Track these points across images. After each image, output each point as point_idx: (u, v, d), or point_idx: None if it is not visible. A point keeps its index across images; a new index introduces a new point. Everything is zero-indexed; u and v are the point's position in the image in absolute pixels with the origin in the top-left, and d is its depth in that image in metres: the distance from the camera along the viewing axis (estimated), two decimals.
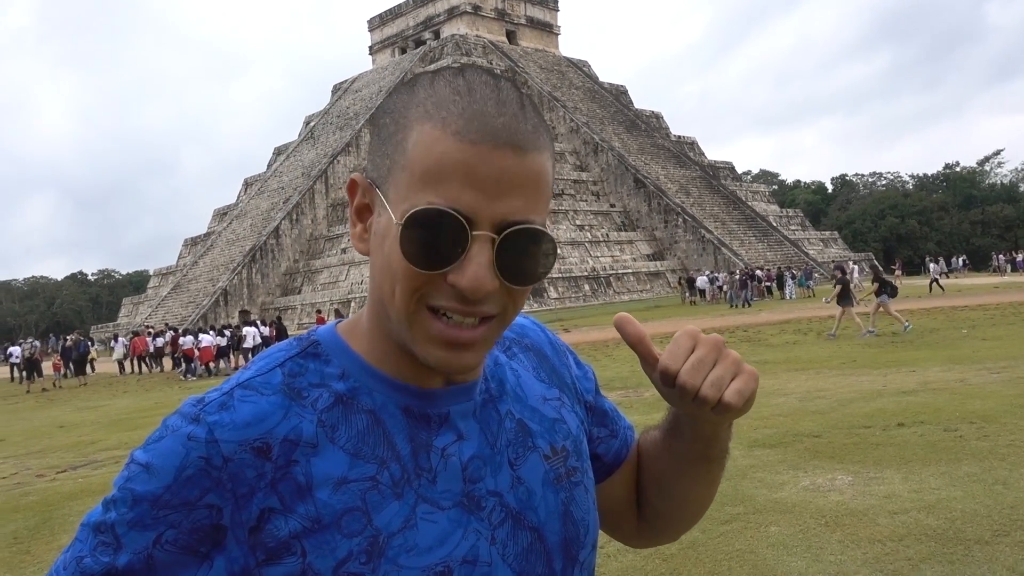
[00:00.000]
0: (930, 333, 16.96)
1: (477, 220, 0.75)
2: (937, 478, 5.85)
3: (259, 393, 0.82)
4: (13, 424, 15.81)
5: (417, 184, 0.76)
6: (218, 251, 53.50)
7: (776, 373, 12.72)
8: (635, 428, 1.04)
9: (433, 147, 0.76)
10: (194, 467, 0.77)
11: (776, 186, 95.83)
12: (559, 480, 0.92)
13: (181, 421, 0.81)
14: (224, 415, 0.80)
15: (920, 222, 79.52)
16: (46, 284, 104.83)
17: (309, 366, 0.86)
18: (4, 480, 9.39)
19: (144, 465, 0.79)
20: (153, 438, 0.81)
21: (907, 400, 9.03)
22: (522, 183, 0.77)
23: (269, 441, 0.80)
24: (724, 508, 5.53)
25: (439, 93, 0.78)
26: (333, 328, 0.91)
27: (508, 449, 0.90)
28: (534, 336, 1.05)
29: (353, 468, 0.81)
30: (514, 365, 0.98)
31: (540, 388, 0.98)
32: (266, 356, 0.88)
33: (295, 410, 0.82)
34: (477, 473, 0.87)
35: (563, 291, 43.75)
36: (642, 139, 59.58)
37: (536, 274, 0.79)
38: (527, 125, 0.78)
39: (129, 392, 21.16)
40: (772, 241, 52.97)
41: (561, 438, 0.96)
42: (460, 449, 0.87)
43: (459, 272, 0.76)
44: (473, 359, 0.81)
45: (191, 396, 0.85)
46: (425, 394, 0.87)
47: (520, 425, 0.93)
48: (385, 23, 70.62)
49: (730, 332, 21.46)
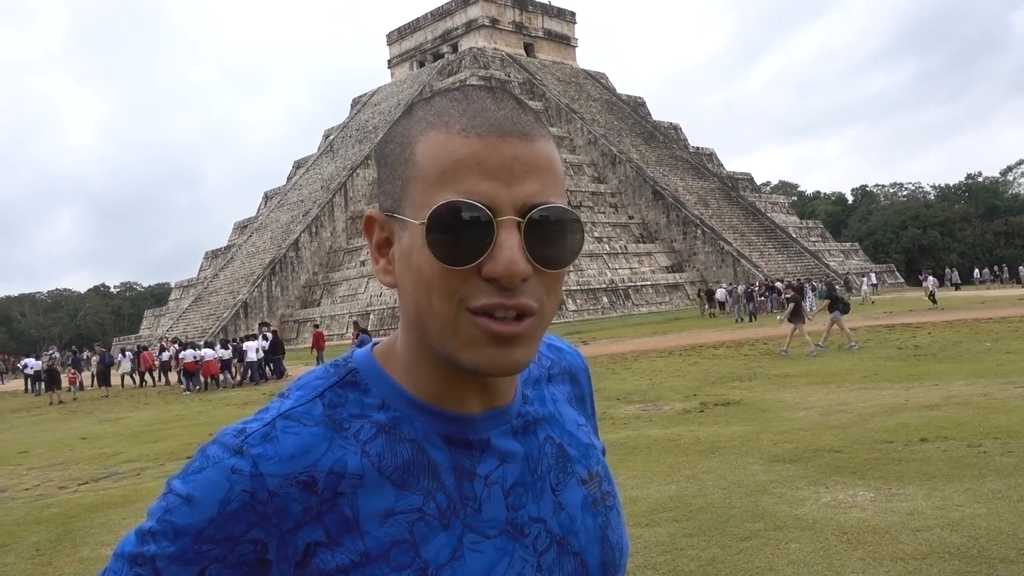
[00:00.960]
0: (953, 346, 16.77)
1: (499, 207, 0.75)
2: (961, 495, 5.77)
3: (301, 424, 0.81)
4: (36, 436, 15.96)
5: (433, 187, 0.76)
6: (238, 264, 53.91)
7: (797, 386, 12.62)
8: (656, 442, 1.04)
9: (442, 149, 0.77)
10: (239, 501, 0.76)
11: (795, 197, 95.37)
12: (595, 504, 0.93)
13: (223, 452, 0.79)
14: (268, 447, 0.79)
15: (942, 233, 78.70)
16: (70, 297, 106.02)
17: (349, 396, 0.85)
18: (27, 492, 9.48)
19: (185, 497, 0.77)
20: (193, 468, 0.79)
21: (930, 415, 8.93)
22: (535, 167, 0.77)
23: (314, 474, 0.79)
24: (744, 524, 5.48)
25: (438, 106, 0.80)
26: (370, 353, 0.90)
27: (550, 475, 0.90)
28: (571, 360, 1.05)
29: (399, 500, 0.81)
30: (552, 389, 0.99)
31: (573, 413, 1.00)
32: (304, 385, 0.87)
33: (338, 442, 0.81)
34: (519, 500, 0.87)
35: (581, 303, 43.66)
36: (660, 151, 59.49)
37: (567, 256, 0.79)
38: (528, 116, 0.80)
39: (150, 404, 21.31)
40: (792, 253, 52.65)
41: (595, 463, 0.97)
42: (503, 476, 0.86)
43: (492, 261, 0.75)
44: (522, 355, 0.79)
45: (228, 427, 0.83)
46: (464, 420, 0.86)
47: (560, 450, 0.93)
48: (403, 37, 71.10)
49: (749, 344, 21.32)
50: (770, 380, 13.80)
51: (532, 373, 0.97)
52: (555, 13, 70.37)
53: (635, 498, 6.31)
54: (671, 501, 6.22)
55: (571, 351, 1.07)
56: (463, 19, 65.77)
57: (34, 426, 18.28)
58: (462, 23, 65.81)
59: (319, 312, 47.64)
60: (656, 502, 6.21)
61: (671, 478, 6.99)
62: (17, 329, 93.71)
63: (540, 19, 68.95)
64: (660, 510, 5.99)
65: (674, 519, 5.75)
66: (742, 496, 6.20)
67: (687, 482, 6.81)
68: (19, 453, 13.25)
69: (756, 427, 9.17)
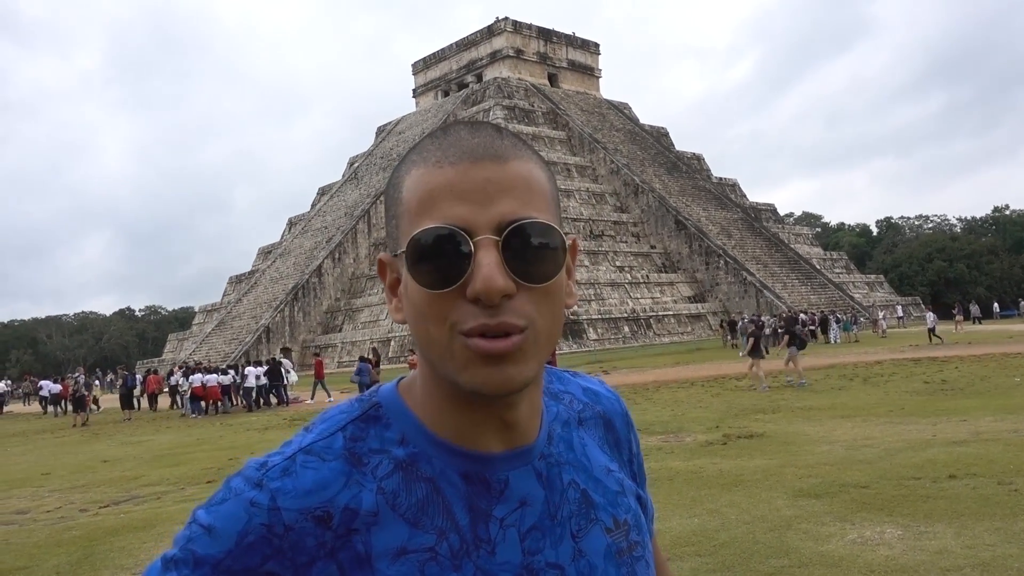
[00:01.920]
0: (981, 381, 16.50)
1: (475, 228, 0.77)
2: (991, 534, 5.64)
3: (321, 459, 0.83)
4: (59, 458, 16.08)
5: (415, 218, 0.79)
6: (262, 289, 54.38)
7: (822, 420, 12.44)
8: (678, 474, 1.01)
9: (420, 181, 0.80)
10: (256, 534, 0.78)
11: (819, 229, 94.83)
12: (621, 554, 0.91)
13: (244, 485, 0.81)
14: (287, 481, 0.81)
15: (969, 266, 77.85)
16: (95, 320, 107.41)
17: (370, 431, 0.86)
18: (49, 514, 9.52)
19: (207, 527, 0.80)
20: (216, 499, 0.82)
21: (958, 451, 8.76)
22: (510, 186, 0.79)
23: (330, 510, 0.80)
24: (768, 560, 5.39)
25: (420, 145, 0.84)
26: (395, 388, 0.91)
27: (571, 520, 0.88)
28: (607, 404, 1.04)
29: (412, 538, 0.81)
30: (582, 432, 0.97)
31: (604, 459, 0.97)
32: (328, 419, 0.88)
33: (356, 477, 0.82)
34: (536, 544, 0.85)
35: (602, 332, 43.51)
36: (683, 181, 59.52)
37: (551, 270, 0.79)
38: (504, 142, 0.82)
39: (172, 428, 21.42)
40: (816, 284, 52.25)
41: (623, 511, 0.94)
42: (520, 519, 0.85)
43: (472, 280, 0.76)
44: (515, 372, 0.78)
45: (253, 459, 0.85)
46: (484, 458, 0.86)
47: (584, 496, 0.91)
48: (429, 66, 71.99)
49: (772, 377, 21.12)
50: (794, 413, 13.63)
51: (561, 415, 0.96)
52: (579, 44, 71.00)
53: (657, 531, 6.20)
54: (694, 535, 6.13)
55: (609, 395, 1.05)
56: (488, 49, 66.52)
57: (57, 448, 18.42)
58: (487, 53, 66.55)
59: (340, 338, 47.84)
60: (678, 536, 6.12)
61: (694, 511, 6.89)
62: (43, 351, 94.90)
63: (564, 50, 69.58)
64: (683, 544, 5.90)
65: (697, 554, 5.66)
66: (766, 531, 6.10)
67: (710, 516, 6.71)
68: (42, 475, 13.34)
69: (780, 460, 9.04)
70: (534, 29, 67.56)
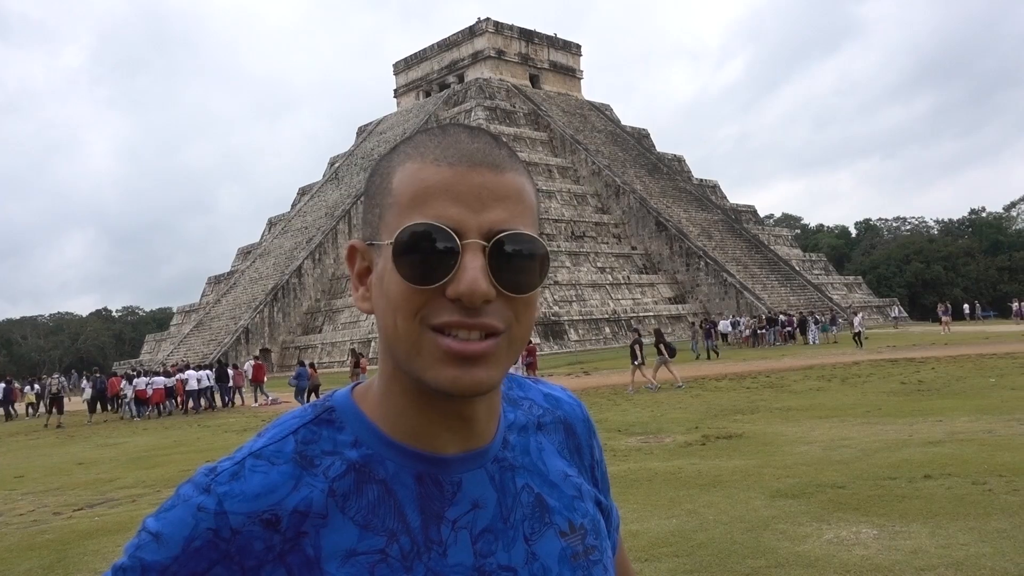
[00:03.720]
0: (957, 381, 16.68)
1: (465, 231, 0.78)
2: (965, 533, 5.69)
3: (270, 463, 0.83)
4: (33, 460, 15.86)
5: (405, 211, 0.80)
6: (241, 289, 53.98)
7: (799, 420, 12.53)
8: (657, 474, 1.02)
9: (415, 176, 0.81)
10: (202, 539, 0.78)
11: (799, 230, 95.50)
12: (576, 558, 0.91)
13: (193, 491, 0.82)
14: (234, 486, 0.81)
15: (946, 268, 78.72)
16: (71, 320, 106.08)
17: (323, 433, 0.86)
18: (21, 517, 9.39)
19: (154, 534, 0.80)
20: (165, 506, 0.83)
21: (934, 451, 8.85)
22: (503, 196, 0.80)
23: (278, 513, 0.80)
24: (745, 561, 5.41)
25: (416, 140, 0.85)
26: (349, 393, 0.91)
27: (524, 524, 0.89)
28: (568, 410, 1.03)
29: (362, 540, 0.81)
30: (540, 438, 0.97)
31: (562, 464, 0.97)
32: (280, 423, 0.88)
33: (306, 479, 0.82)
34: (488, 547, 0.85)
35: (583, 333, 43.58)
36: (664, 182, 59.76)
37: (532, 282, 0.81)
38: (501, 151, 0.83)
39: (148, 430, 21.22)
40: (795, 285, 52.63)
41: (580, 516, 0.94)
42: (473, 521, 0.86)
43: (456, 281, 0.77)
44: (485, 376, 0.79)
45: (204, 465, 0.86)
46: (438, 460, 0.86)
47: (538, 500, 0.91)
48: (410, 67, 71.81)
49: (752, 377, 21.23)
50: (772, 413, 13.71)
51: (519, 420, 0.96)
52: (561, 45, 71.12)
53: (635, 532, 6.24)
54: (672, 536, 6.14)
55: (571, 401, 1.05)
56: (470, 50, 66.47)
57: (31, 450, 18.18)
58: (469, 54, 66.50)
59: (320, 339, 47.60)
60: (656, 536, 6.13)
61: (672, 512, 6.91)
62: (18, 352, 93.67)
63: (546, 51, 69.66)
64: (661, 545, 5.91)
65: (675, 554, 5.67)
66: (744, 531, 6.12)
67: (688, 516, 6.73)
68: (15, 478, 13.15)
69: (758, 461, 9.09)
70: (516, 30, 67.59)
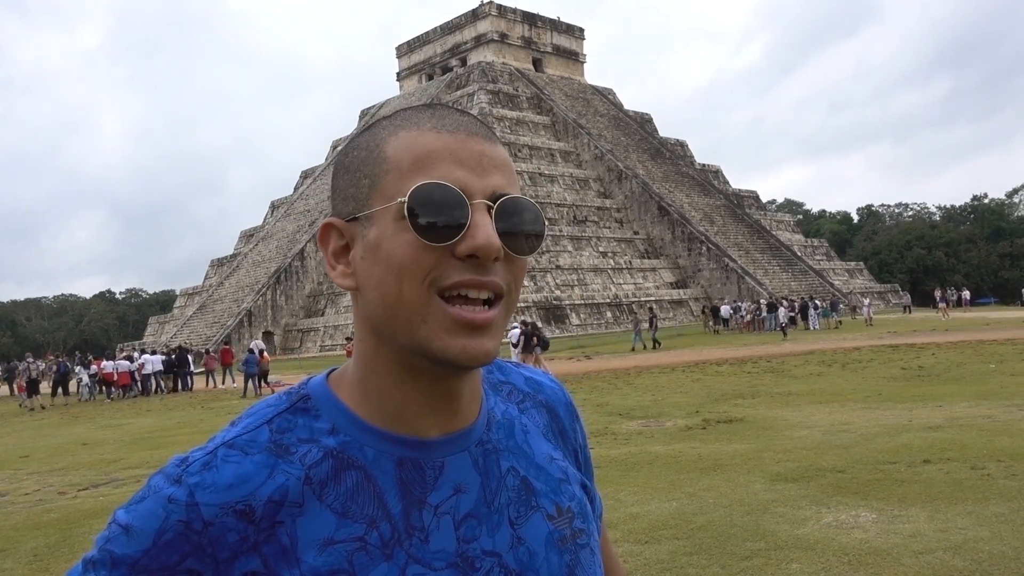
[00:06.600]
0: (957, 367, 16.71)
1: (471, 192, 0.79)
2: (964, 518, 5.73)
3: (243, 453, 0.81)
4: (38, 440, 15.96)
5: (407, 174, 0.80)
6: (244, 272, 54.02)
7: (800, 405, 12.57)
8: (658, 458, 1.04)
9: (415, 142, 0.81)
10: (173, 531, 0.76)
11: (801, 216, 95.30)
12: (564, 541, 0.89)
13: (164, 482, 0.79)
14: (206, 476, 0.79)
15: (947, 254, 78.64)
16: (75, 302, 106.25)
17: (298, 421, 0.84)
18: (27, 497, 9.46)
19: (124, 527, 0.78)
20: (136, 498, 0.80)
21: (933, 436, 8.89)
22: (499, 164, 0.83)
23: (252, 503, 0.78)
24: (744, 544, 5.45)
25: (404, 114, 0.85)
26: (324, 380, 0.89)
27: (509, 508, 0.87)
28: (550, 393, 1.02)
29: (340, 528, 0.79)
30: (524, 420, 0.96)
31: (547, 447, 0.96)
32: (254, 412, 0.86)
33: (282, 467, 0.80)
34: (471, 532, 0.83)
35: (585, 317, 43.63)
36: (666, 167, 59.61)
37: (531, 245, 0.83)
38: (487, 129, 0.86)
39: (152, 411, 21.32)
40: (796, 271, 52.61)
41: (567, 499, 0.92)
42: (455, 506, 0.84)
43: (470, 238, 0.78)
44: (491, 344, 0.80)
45: (176, 455, 0.83)
46: (418, 444, 0.84)
47: (524, 483, 0.89)
48: (413, 50, 71.48)
49: (753, 363, 21.27)
50: (773, 398, 13.75)
51: (500, 404, 0.95)
52: (564, 29, 70.73)
53: (635, 515, 6.28)
54: (672, 519, 6.19)
55: (553, 385, 1.04)
56: (472, 33, 66.12)
57: (36, 431, 18.29)
58: (471, 37, 66.15)
59: (323, 322, 47.67)
60: (657, 519, 6.18)
61: (672, 495, 6.96)
62: (22, 334, 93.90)
63: (549, 35, 69.29)
64: (660, 527, 5.96)
65: (674, 537, 5.72)
66: (743, 515, 6.17)
67: (688, 499, 6.77)
68: (20, 457, 13.24)
69: (758, 445, 9.13)
70: (519, 13, 67.21)
